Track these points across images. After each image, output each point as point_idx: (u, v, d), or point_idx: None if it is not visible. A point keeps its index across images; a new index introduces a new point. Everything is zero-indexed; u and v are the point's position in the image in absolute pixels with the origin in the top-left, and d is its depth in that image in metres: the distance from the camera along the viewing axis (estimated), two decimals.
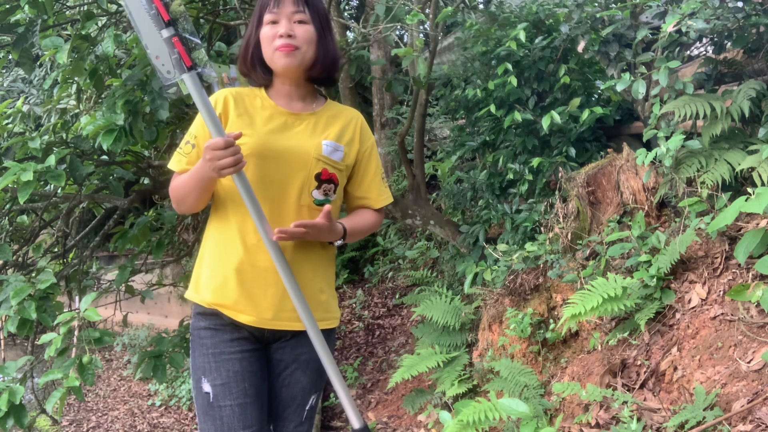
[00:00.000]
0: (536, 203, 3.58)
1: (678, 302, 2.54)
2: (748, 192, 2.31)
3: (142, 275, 3.95)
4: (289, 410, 1.69)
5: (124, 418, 6.36)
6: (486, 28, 4.02)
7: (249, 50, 1.64)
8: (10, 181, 2.54)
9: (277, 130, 1.62)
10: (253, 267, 1.58)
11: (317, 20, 1.61)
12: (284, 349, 1.67)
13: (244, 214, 1.57)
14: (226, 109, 1.62)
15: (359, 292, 6.11)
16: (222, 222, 1.63)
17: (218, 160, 1.44)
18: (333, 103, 1.76)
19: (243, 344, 1.61)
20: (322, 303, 1.66)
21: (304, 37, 1.59)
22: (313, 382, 1.71)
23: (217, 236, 1.64)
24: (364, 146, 1.74)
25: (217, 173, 1.46)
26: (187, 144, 1.64)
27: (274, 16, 1.58)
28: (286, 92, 1.67)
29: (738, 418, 1.93)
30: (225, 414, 1.57)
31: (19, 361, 2.70)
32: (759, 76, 2.98)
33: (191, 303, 1.67)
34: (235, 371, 1.59)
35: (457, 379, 3.37)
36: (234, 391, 1.57)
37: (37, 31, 2.74)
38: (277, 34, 1.57)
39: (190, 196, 1.59)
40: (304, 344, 1.64)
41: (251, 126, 1.61)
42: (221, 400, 1.57)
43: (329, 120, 1.69)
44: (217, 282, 1.59)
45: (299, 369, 1.68)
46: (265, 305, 1.58)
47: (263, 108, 1.65)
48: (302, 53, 1.59)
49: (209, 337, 1.61)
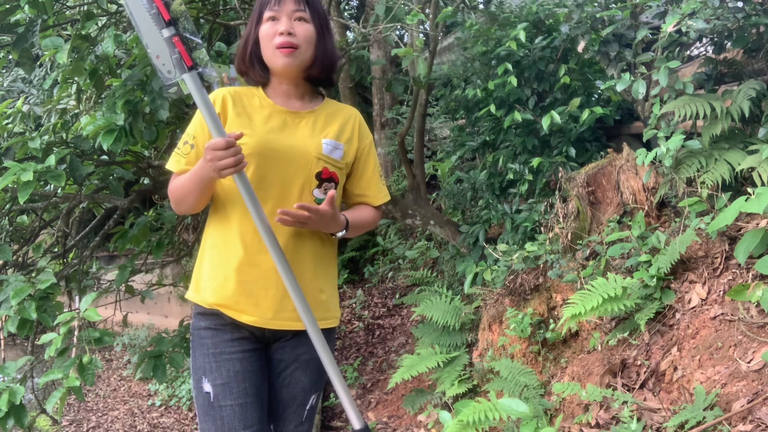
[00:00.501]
0: (536, 203, 3.58)
1: (678, 302, 2.54)
2: (748, 192, 2.31)
3: (142, 275, 3.95)
4: (290, 410, 1.69)
5: (124, 418, 6.36)
6: (486, 28, 4.02)
7: (248, 48, 1.63)
8: (10, 181, 2.54)
9: (277, 129, 1.61)
10: (253, 267, 1.57)
11: (317, 20, 1.61)
12: (284, 349, 1.67)
13: (243, 214, 1.56)
14: (224, 108, 1.61)
15: (359, 292, 6.11)
16: (221, 222, 1.62)
17: (219, 160, 1.42)
18: (331, 101, 1.76)
19: (243, 344, 1.60)
20: (322, 303, 1.65)
21: (304, 36, 1.58)
22: (313, 382, 1.70)
23: (217, 236, 1.63)
24: (362, 144, 1.73)
25: (218, 174, 1.45)
26: (185, 144, 1.63)
27: (274, 13, 1.58)
28: (284, 91, 1.66)
29: (738, 418, 1.93)
30: (225, 414, 1.56)
31: (19, 361, 2.70)
32: (759, 76, 2.98)
33: (191, 303, 1.66)
34: (235, 371, 1.58)
35: (457, 379, 3.37)
36: (235, 391, 1.57)
37: (37, 31, 2.74)
38: (277, 32, 1.56)
39: (190, 196, 1.58)
40: (304, 344, 1.63)
41: (250, 125, 1.60)
42: (222, 400, 1.56)
43: (328, 118, 1.69)
44: (217, 282, 1.58)
45: (299, 369, 1.67)
46: (266, 305, 1.58)
47: (262, 107, 1.64)
48: (302, 53, 1.58)
49: (210, 337, 1.61)
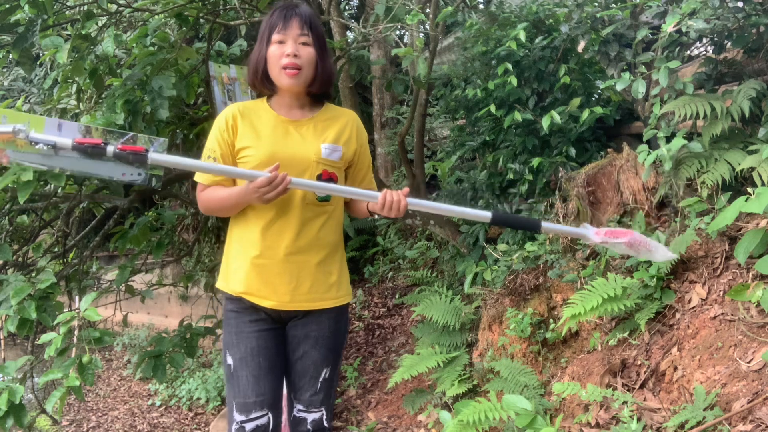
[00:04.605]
0: (536, 203, 3.58)
1: (678, 302, 2.54)
2: (748, 192, 2.31)
3: (142, 275, 3.95)
4: (304, 381, 1.94)
5: (124, 418, 6.35)
6: (486, 28, 4.02)
7: (259, 67, 1.87)
8: (10, 181, 2.54)
9: (281, 138, 1.86)
10: (268, 259, 1.84)
11: (317, 43, 1.86)
12: (297, 327, 1.93)
13: (258, 215, 1.84)
14: (235, 123, 1.87)
15: (359, 292, 6.11)
16: (241, 221, 1.89)
17: (264, 195, 1.71)
18: (330, 105, 1.98)
19: (260, 324, 1.89)
20: (333, 285, 1.92)
21: (307, 58, 1.83)
22: (323, 357, 1.94)
23: (240, 234, 1.89)
24: (360, 144, 1.98)
25: (265, 203, 1.75)
26: (208, 159, 1.87)
27: (281, 36, 1.83)
28: (286, 103, 1.91)
29: (738, 418, 1.93)
30: (242, 383, 1.86)
31: (19, 361, 2.70)
32: (759, 76, 2.98)
33: (220, 292, 1.96)
34: (251, 347, 1.87)
35: (457, 379, 3.37)
36: (250, 364, 1.86)
37: (37, 31, 2.74)
38: (284, 54, 1.81)
39: (227, 210, 1.88)
40: (313, 322, 1.92)
41: (258, 138, 1.85)
42: (239, 371, 1.87)
43: (326, 123, 1.92)
44: (241, 274, 1.87)
45: (309, 344, 1.93)
46: (283, 291, 1.85)
47: (267, 119, 1.89)
48: (304, 74, 1.84)
49: (233, 317, 1.91)
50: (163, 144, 1.81)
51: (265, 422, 1.87)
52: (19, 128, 1.63)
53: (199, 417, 6.02)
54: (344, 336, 2.02)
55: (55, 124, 1.69)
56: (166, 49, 3.24)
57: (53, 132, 1.68)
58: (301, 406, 1.96)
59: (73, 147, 1.65)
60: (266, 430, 1.88)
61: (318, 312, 1.91)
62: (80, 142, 1.65)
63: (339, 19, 4.61)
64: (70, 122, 1.75)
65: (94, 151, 1.65)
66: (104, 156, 1.66)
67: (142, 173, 1.74)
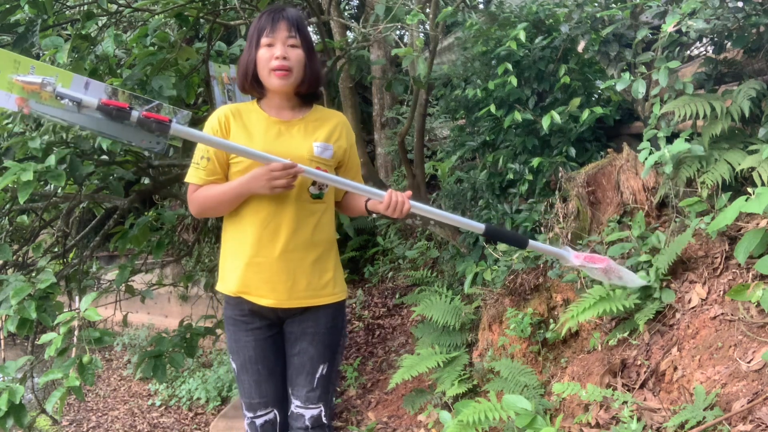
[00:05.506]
0: (536, 203, 3.57)
1: (678, 302, 2.54)
2: (748, 192, 2.31)
3: (142, 275, 3.95)
4: (301, 377, 1.98)
5: (124, 418, 6.35)
6: (486, 28, 4.02)
7: (249, 70, 1.89)
8: (10, 181, 2.54)
9: (273, 138, 1.88)
10: (263, 258, 1.87)
11: (305, 44, 1.89)
12: (293, 323, 1.97)
13: (253, 213, 1.86)
14: (228, 123, 1.89)
15: (359, 292, 6.10)
16: (235, 220, 1.91)
17: (275, 180, 1.74)
18: (318, 107, 2.03)
19: (257, 333, 1.95)
20: (329, 282, 1.96)
21: (296, 60, 1.86)
22: (320, 353, 1.98)
23: (235, 233, 1.91)
24: (349, 144, 2.03)
25: (270, 191, 1.77)
26: (202, 159, 1.87)
27: (270, 39, 1.85)
28: (276, 104, 1.94)
29: (738, 418, 1.93)
30: (245, 386, 1.98)
31: (19, 361, 2.70)
32: (759, 76, 2.98)
33: (220, 294, 1.99)
34: (249, 356, 1.95)
35: (457, 379, 3.37)
36: (250, 371, 1.95)
37: (37, 31, 2.74)
38: (273, 56, 1.84)
39: (223, 207, 1.88)
40: (309, 319, 1.96)
41: (251, 139, 1.86)
42: (241, 375, 1.98)
43: (317, 123, 1.96)
44: (238, 273, 1.89)
45: (306, 340, 1.96)
46: (281, 289, 1.88)
47: (258, 121, 1.91)
48: (294, 75, 1.87)
49: (232, 325, 1.97)
50: (187, 116, 1.81)
51: (272, 417, 1.99)
52: (47, 81, 1.62)
53: (199, 417, 6.02)
54: (341, 333, 2.04)
55: (82, 82, 1.67)
56: (166, 49, 3.24)
57: (80, 89, 1.66)
58: (299, 402, 1.98)
59: (99, 107, 1.63)
60: (275, 423, 2.00)
61: (315, 309, 1.95)
62: (106, 102, 1.63)
63: (339, 19, 4.61)
64: (97, 81, 1.73)
65: (119, 114, 1.64)
66: (127, 120, 1.65)
67: (162, 142, 1.72)
